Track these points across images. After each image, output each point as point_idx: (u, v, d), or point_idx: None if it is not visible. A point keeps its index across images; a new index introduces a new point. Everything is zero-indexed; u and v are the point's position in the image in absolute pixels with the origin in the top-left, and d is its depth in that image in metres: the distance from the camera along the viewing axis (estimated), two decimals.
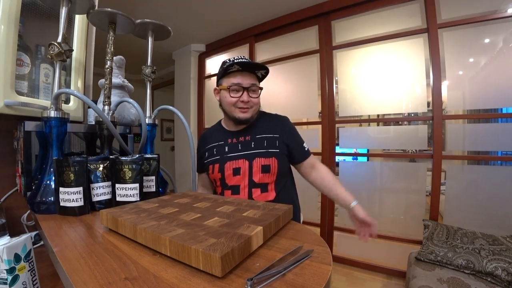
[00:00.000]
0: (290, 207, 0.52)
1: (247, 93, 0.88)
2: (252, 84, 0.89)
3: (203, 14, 2.36)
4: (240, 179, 0.88)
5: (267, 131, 0.93)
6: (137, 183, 0.64)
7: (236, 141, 0.93)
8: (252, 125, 0.95)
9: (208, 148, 0.98)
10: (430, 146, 1.77)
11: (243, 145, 0.91)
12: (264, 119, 0.98)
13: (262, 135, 0.92)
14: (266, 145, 0.90)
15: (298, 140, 0.96)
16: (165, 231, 0.37)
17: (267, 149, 0.89)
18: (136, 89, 1.10)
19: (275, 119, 0.99)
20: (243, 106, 0.88)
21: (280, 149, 0.90)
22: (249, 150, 0.90)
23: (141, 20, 0.85)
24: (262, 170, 0.88)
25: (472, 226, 1.53)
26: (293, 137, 0.95)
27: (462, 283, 1.26)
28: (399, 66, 1.88)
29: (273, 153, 0.89)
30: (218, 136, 0.98)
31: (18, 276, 0.46)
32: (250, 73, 0.89)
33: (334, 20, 2.13)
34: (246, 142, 0.92)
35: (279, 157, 0.89)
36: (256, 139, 0.91)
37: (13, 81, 0.71)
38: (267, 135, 0.92)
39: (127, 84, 1.00)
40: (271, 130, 0.93)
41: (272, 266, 0.31)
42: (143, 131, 0.81)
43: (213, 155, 0.95)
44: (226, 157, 0.91)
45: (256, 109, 0.94)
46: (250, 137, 0.92)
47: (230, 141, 0.94)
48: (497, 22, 1.55)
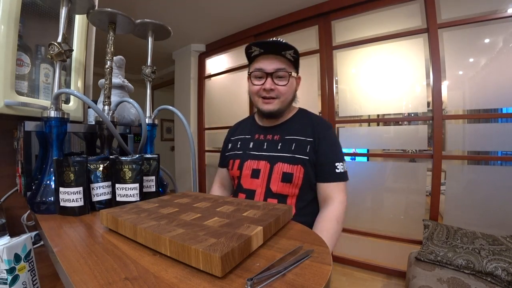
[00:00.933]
0: (290, 207, 0.52)
1: (270, 79, 0.74)
2: (277, 69, 0.74)
3: (203, 14, 2.36)
4: (258, 183, 0.76)
5: (299, 133, 0.77)
6: (137, 183, 0.64)
7: (263, 138, 0.81)
8: (285, 123, 0.81)
9: (233, 139, 0.88)
10: (430, 146, 1.77)
11: (269, 144, 0.79)
12: (300, 118, 0.82)
13: (292, 136, 0.77)
14: (294, 149, 0.75)
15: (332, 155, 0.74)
16: (165, 231, 0.37)
17: (294, 154, 0.74)
18: (136, 89, 1.10)
19: (315, 120, 0.80)
20: (266, 95, 0.75)
21: (311, 157, 0.74)
22: (274, 151, 0.76)
23: (141, 20, 0.85)
24: (282, 179, 0.73)
25: (472, 226, 1.53)
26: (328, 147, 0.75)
27: (462, 283, 1.26)
28: (399, 66, 1.88)
29: (300, 160, 0.73)
30: (247, 128, 0.87)
31: (18, 276, 0.46)
32: (276, 56, 0.74)
33: (334, 20, 2.13)
34: (273, 141, 0.78)
35: (306, 166, 0.73)
36: (285, 140, 0.77)
37: (13, 81, 0.71)
38: (298, 137, 0.76)
39: (127, 84, 1.00)
40: (305, 132, 0.77)
41: (272, 266, 0.31)
42: (143, 131, 0.81)
43: (236, 148, 0.85)
44: (248, 154, 0.80)
45: (286, 100, 0.77)
46: (279, 136, 0.79)
47: (257, 137, 0.82)
48: (497, 22, 1.55)
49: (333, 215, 0.70)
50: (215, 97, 3.07)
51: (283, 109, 0.79)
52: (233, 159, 0.84)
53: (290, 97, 0.78)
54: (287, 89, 0.76)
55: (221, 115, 2.98)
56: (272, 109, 0.77)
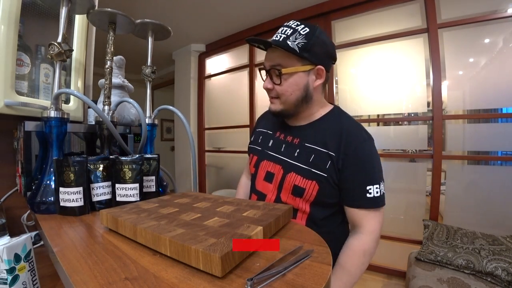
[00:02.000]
0: (290, 207, 0.52)
1: (269, 77, 0.66)
2: (272, 66, 0.64)
3: (203, 14, 2.36)
4: (270, 189, 0.70)
5: (321, 143, 0.64)
6: (137, 183, 0.64)
7: (283, 138, 0.72)
8: (309, 125, 0.69)
9: (257, 131, 0.82)
10: (430, 146, 1.77)
11: (287, 147, 0.70)
12: (328, 122, 0.68)
13: (312, 145, 0.65)
14: (312, 161, 0.64)
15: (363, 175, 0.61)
16: (165, 231, 0.37)
17: (311, 167, 0.63)
18: (136, 89, 1.10)
19: (345, 129, 0.64)
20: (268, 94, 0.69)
21: (330, 174, 0.62)
22: (290, 158, 0.67)
23: (141, 20, 0.85)
24: (292, 191, 0.65)
25: (472, 226, 1.53)
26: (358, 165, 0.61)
27: (462, 283, 1.26)
28: (399, 66, 1.88)
29: (316, 176, 0.62)
30: (272, 122, 0.79)
31: (18, 276, 0.46)
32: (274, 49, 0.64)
33: (334, 20, 2.13)
34: (292, 145, 0.69)
35: (323, 184, 0.62)
36: (303, 147, 0.66)
37: (13, 81, 0.71)
38: (318, 148, 0.64)
39: (127, 84, 1.00)
40: (328, 142, 0.63)
41: (272, 266, 0.31)
42: (143, 131, 0.81)
43: (257, 143, 0.79)
44: (266, 152, 0.74)
45: (288, 100, 0.66)
46: (298, 140, 0.68)
47: (278, 135, 0.74)
48: (497, 22, 1.55)
49: (360, 248, 0.62)
50: (215, 97, 3.07)
51: (290, 110, 0.67)
52: (253, 154, 0.80)
53: (293, 97, 0.65)
54: (285, 89, 0.64)
55: (221, 115, 2.98)
56: (274, 109, 0.69)
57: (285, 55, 0.63)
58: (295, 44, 0.60)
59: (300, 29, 0.62)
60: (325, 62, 0.65)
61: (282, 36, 0.62)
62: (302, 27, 0.62)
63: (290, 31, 0.62)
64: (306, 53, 0.61)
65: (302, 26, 0.62)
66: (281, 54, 0.63)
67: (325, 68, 0.65)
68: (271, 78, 0.66)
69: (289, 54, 0.62)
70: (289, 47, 0.60)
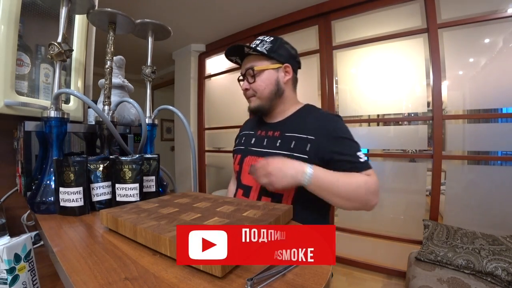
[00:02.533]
0: (290, 207, 0.52)
1: (246, 81, 0.77)
2: (246, 70, 0.76)
3: (203, 14, 2.36)
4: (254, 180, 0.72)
5: (299, 130, 0.73)
6: (137, 183, 0.64)
7: (264, 134, 0.80)
8: (287, 119, 0.78)
9: (240, 135, 0.91)
10: (430, 146, 1.77)
11: (269, 140, 0.77)
12: (303, 114, 0.78)
13: (292, 134, 0.73)
14: (293, 147, 0.71)
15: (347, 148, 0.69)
16: (165, 231, 0.37)
17: (292, 152, 0.70)
18: (136, 89, 1.10)
19: (318, 116, 0.75)
20: (246, 95, 0.79)
21: (311, 156, 0.68)
22: (272, 148, 0.74)
23: (141, 20, 0.85)
24: None
25: (472, 226, 1.53)
26: (339, 144, 0.69)
27: (462, 283, 1.26)
28: (399, 66, 1.88)
29: (298, 159, 0.68)
30: (253, 124, 0.88)
31: (18, 276, 0.46)
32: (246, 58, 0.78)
33: (334, 20, 2.13)
34: (273, 138, 0.76)
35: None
36: (284, 137, 0.74)
37: (13, 81, 0.71)
38: (298, 135, 0.72)
39: (127, 84, 1.00)
40: (306, 129, 0.72)
41: (272, 266, 0.31)
42: (143, 131, 0.81)
43: (241, 144, 0.86)
44: (249, 149, 0.81)
45: (263, 95, 0.76)
46: (279, 133, 0.76)
47: (260, 133, 0.82)
48: (497, 22, 1.55)
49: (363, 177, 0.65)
50: (215, 97, 3.07)
51: (266, 106, 0.78)
52: (236, 154, 0.86)
53: (266, 91, 0.76)
54: (259, 85, 0.75)
55: (221, 115, 2.98)
56: (252, 106, 0.79)
57: (256, 58, 0.76)
58: (263, 48, 0.75)
59: (266, 38, 0.77)
60: (290, 62, 0.78)
61: (252, 46, 0.76)
62: (268, 37, 0.78)
63: (258, 41, 0.77)
64: (273, 53, 0.75)
65: (267, 36, 0.78)
66: (253, 59, 0.76)
67: (292, 67, 0.78)
68: (247, 80, 0.77)
69: (260, 57, 0.76)
70: (258, 50, 0.75)
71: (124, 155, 0.90)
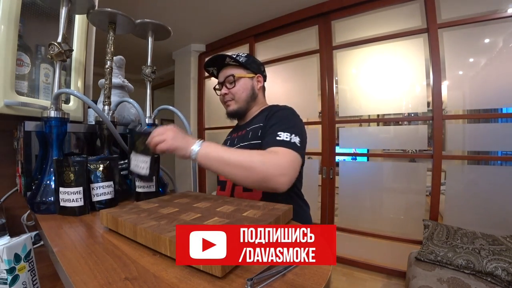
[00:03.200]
0: (290, 207, 0.52)
1: (225, 87, 0.87)
2: (225, 77, 0.86)
3: (203, 14, 2.36)
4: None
5: (257, 122, 0.82)
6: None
7: (236, 135, 0.89)
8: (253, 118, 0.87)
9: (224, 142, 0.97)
10: (430, 146, 1.77)
11: (239, 139, 0.85)
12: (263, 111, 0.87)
13: (251, 127, 0.82)
14: (250, 137, 0.80)
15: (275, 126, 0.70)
16: (165, 231, 0.37)
17: (249, 141, 0.79)
18: (136, 89, 1.10)
19: (269, 108, 0.85)
20: (224, 99, 0.88)
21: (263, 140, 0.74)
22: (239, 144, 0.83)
23: (141, 20, 0.85)
24: None
25: (472, 226, 1.53)
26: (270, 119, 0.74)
27: (462, 283, 1.26)
28: (399, 66, 1.88)
29: (255, 145, 0.75)
30: (232, 130, 0.99)
31: (18, 276, 0.46)
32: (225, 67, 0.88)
33: (334, 20, 2.13)
34: (241, 136, 0.85)
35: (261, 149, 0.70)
36: (247, 132, 0.83)
37: (13, 81, 0.71)
38: (254, 126, 0.81)
39: (127, 84, 1.00)
40: (259, 119, 0.81)
41: (272, 266, 0.31)
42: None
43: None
44: None
45: (241, 99, 0.86)
46: (245, 130, 0.85)
47: (235, 136, 0.90)
48: (497, 22, 1.55)
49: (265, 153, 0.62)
50: (215, 97, 3.06)
51: (243, 108, 0.87)
52: None
53: (244, 95, 0.86)
54: (237, 89, 0.85)
55: (221, 115, 2.96)
56: (231, 109, 0.87)
57: (234, 68, 0.86)
58: (240, 60, 0.85)
59: (240, 53, 0.88)
60: (261, 73, 0.90)
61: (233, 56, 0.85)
62: (242, 52, 0.89)
63: (235, 55, 0.86)
64: (248, 65, 0.86)
65: (242, 53, 0.89)
66: (231, 69, 0.86)
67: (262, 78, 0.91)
68: (226, 86, 0.86)
69: (237, 67, 0.86)
70: (238, 61, 0.85)
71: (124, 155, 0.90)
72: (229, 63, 0.86)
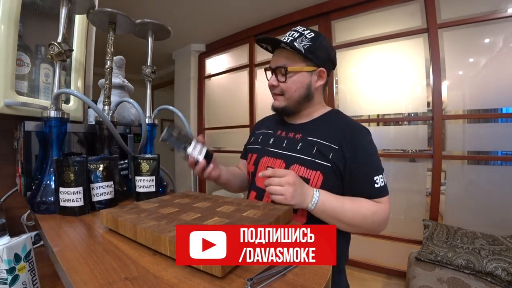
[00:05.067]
0: (290, 207, 0.52)
1: (274, 76, 0.71)
2: (276, 66, 0.70)
3: (203, 14, 2.36)
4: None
5: (325, 137, 0.68)
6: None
7: (284, 135, 0.75)
8: (311, 123, 0.73)
9: (256, 133, 0.85)
10: (430, 146, 1.77)
11: (289, 142, 0.72)
12: (329, 120, 0.73)
13: (314, 139, 0.68)
14: (315, 153, 0.66)
15: (368, 167, 0.65)
16: (165, 231, 0.37)
17: (314, 158, 0.65)
18: (136, 89, 1.10)
19: (347, 125, 0.69)
20: (272, 91, 0.73)
21: (334, 165, 0.64)
22: (293, 151, 0.69)
23: (141, 20, 0.85)
24: None
25: (472, 226, 1.53)
26: (361, 160, 0.64)
27: (462, 283, 1.26)
28: (399, 66, 1.88)
29: (320, 167, 0.64)
30: (272, 123, 0.83)
31: (18, 276, 0.46)
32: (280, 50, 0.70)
33: (334, 20, 2.13)
34: (294, 140, 0.72)
35: (327, 174, 0.64)
36: (306, 140, 0.69)
37: (13, 81, 0.71)
38: (321, 141, 0.67)
39: (127, 84, 1.00)
40: (330, 137, 0.67)
41: (272, 266, 0.31)
42: (143, 131, 0.81)
43: (257, 142, 0.81)
44: (266, 149, 0.75)
45: (292, 98, 0.70)
46: (300, 135, 0.71)
47: (279, 133, 0.77)
48: (497, 22, 1.55)
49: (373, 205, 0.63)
50: (215, 97, 3.07)
51: (292, 108, 0.72)
52: (251, 153, 0.80)
53: (296, 94, 0.70)
54: (289, 86, 0.69)
55: (221, 115, 2.98)
56: (277, 105, 0.73)
57: (291, 55, 0.68)
58: (301, 45, 0.66)
59: (306, 33, 0.68)
60: (326, 65, 0.71)
61: (290, 38, 0.68)
62: (308, 31, 0.69)
63: (297, 34, 0.68)
64: (311, 54, 0.67)
65: (308, 31, 0.69)
66: (288, 55, 0.69)
67: (326, 71, 0.71)
68: (276, 76, 0.71)
69: (294, 55, 0.68)
70: (295, 47, 0.66)
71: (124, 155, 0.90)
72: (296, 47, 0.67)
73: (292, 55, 0.69)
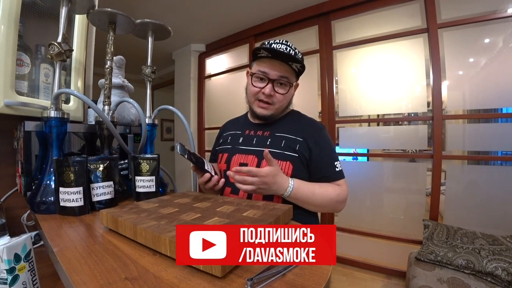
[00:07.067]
0: (290, 207, 0.52)
1: (271, 85, 0.74)
2: (281, 77, 0.73)
3: (203, 14, 2.36)
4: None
5: (290, 132, 0.77)
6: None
7: (253, 134, 0.82)
8: (277, 121, 0.81)
9: (224, 135, 0.90)
10: (430, 146, 1.77)
11: (258, 139, 0.79)
12: (293, 118, 0.83)
13: (282, 134, 0.77)
14: (283, 146, 0.74)
15: (329, 155, 0.75)
16: (165, 231, 0.37)
17: (283, 150, 0.74)
18: (136, 89, 1.10)
19: (307, 122, 0.81)
20: (264, 99, 0.76)
21: (300, 155, 0.73)
22: (263, 146, 0.76)
23: (141, 20, 0.85)
24: None
25: (472, 226, 1.53)
26: (323, 149, 0.75)
27: (462, 283, 1.26)
28: (399, 66, 1.88)
29: (289, 157, 0.73)
30: (239, 125, 0.89)
31: (18, 276, 0.46)
32: (282, 63, 0.73)
33: (334, 20, 2.13)
34: (263, 137, 0.79)
35: (296, 163, 0.73)
36: (275, 136, 0.77)
37: (13, 81, 0.71)
38: (288, 136, 0.76)
39: (127, 84, 1.00)
40: (296, 132, 0.77)
41: (272, 266, 0.31)
42: (143, 131, 0.81)
43: (226, 143, 0.86)
44: (237, 148, 0.81)
45: (281, 108, 0.78)
46: (269, 132, 0.79)
47: (248, 133, 0.83)
48: (497, 22, 1.55)
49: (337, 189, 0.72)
50: (215, 97, 3.07)
51: (277, 115, 0.80)
52: (222, 153, 0.85)
53: (285, 104, 0.80)
54: (284, 98, 0.77)
55: (221, 115, 2.98)
56: (266, 114, 0.78)
57: (290, 71, 0.75)
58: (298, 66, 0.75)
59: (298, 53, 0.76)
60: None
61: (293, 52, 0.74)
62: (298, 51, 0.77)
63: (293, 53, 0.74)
64: (300, 74, 0.78)
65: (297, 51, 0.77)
66: (289, 69, 0.74)
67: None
68: (274, 87, 0.75)
69: (292, 71, 0.75)
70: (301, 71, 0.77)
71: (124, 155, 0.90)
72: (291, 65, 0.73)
73: (292, 70, 0.75)
